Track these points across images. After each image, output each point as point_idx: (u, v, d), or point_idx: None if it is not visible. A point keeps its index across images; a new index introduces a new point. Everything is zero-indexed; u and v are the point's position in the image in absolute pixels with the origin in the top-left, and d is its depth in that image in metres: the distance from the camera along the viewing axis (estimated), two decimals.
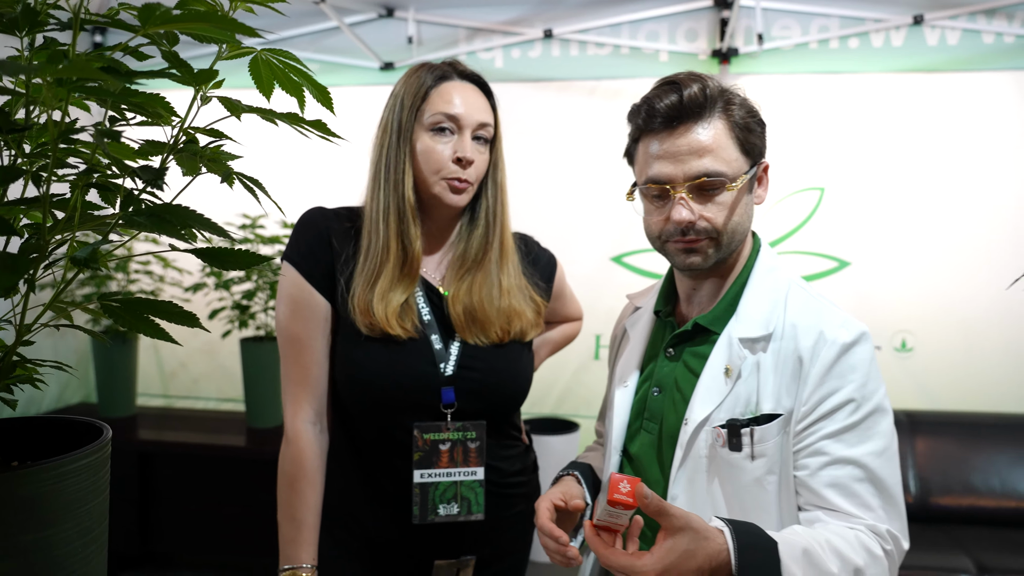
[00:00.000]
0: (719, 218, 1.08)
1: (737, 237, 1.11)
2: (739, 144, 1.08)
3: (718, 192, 1.07)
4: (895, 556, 1.00)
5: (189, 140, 0.78)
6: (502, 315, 1.35)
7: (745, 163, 1.09)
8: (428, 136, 1.30)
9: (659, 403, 1.16)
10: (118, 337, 3.41)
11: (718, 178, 1.06)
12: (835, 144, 3.35)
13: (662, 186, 1.08)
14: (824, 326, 1.05)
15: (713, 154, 1.06)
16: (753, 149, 1.10)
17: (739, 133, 1.08)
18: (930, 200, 3.29)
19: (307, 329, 1.31)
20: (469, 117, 1.30)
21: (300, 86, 0.83)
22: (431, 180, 1.31)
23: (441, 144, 1.30)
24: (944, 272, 3.30)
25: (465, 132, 1.30)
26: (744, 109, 1.09)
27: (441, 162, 1.29)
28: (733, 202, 1.08)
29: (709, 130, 1.06)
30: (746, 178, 1.09)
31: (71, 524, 0.71)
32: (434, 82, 1.32)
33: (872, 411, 1.03)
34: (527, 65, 3.56)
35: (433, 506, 1.30)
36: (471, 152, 1.30)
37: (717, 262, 1.12)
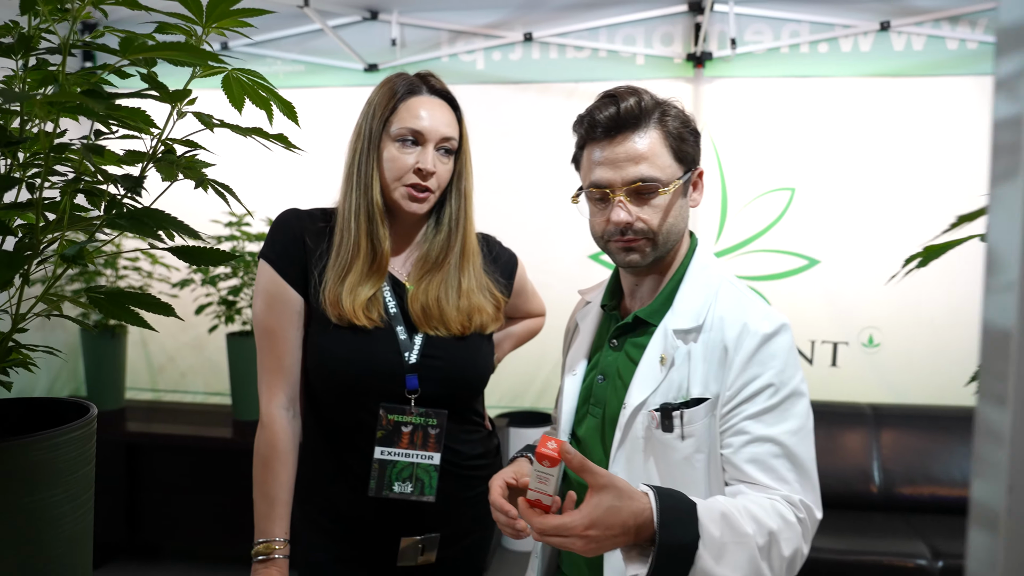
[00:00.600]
0: (654, 220, 1.17)
1: (672, 237, 1.21)
2: (672, 152, 1.18)
3: (653, 196, 1.17)
4: (808, 523, 1.09)
5: (167, 150, 0.87)
6: (461, 313, 1.44)
7: (678, 169, 1.19)
8: (394, 146, 1.39)
9: (603, 389, 1.26)
10: (107, 331, 3.49)
11: (652, 183, 1.15)
12: (805, 146, 3.46)
13: (603, 190, 1.18)
14: (748, 318, 1.15)
15: (648, 161, 1.16)
16: (686, 157, 1.20)
17: (672, 142, 1.18)
18: (896, 200, 3.40)
19: (281, 322, 1.41)
20: (433, 132, 1.39)
21: (268, 100, 0.93)
22: (393, 187, 1.40)
23: (404, 154, 1.39)
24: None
25: (428, 145, 1.39)
26: (679, 120, 1.19)
27: (402, 171, 1.39)
28: (667, 205, 1.18)
29: (645, 139, 1.16)
30: (679, 183, 1.18)
31: (62, 489, 0.80)
32: (404, 96, 1.40)
33: (789, 395, 1.13)
34: (508, 67, 3.65)
35: (389, 482, 1.39)
36: (432, 164, 1.39)
37: (655, 260, 1.22)
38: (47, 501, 0.80)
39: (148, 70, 0.80)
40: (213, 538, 3.32)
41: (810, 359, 3.56)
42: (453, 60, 3.66)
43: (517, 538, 1.16)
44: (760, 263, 3.57)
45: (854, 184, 3.43)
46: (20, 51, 0.77)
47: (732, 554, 1.01)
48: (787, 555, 1.05)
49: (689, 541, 0.98)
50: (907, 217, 3.38)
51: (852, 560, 2.72)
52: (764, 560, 1.04)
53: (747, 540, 1.02)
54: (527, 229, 3.54)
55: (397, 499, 1.40)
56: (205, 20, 0.81)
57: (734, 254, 3.58)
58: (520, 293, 1.66)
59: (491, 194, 3.61)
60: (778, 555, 1.05)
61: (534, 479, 1.00)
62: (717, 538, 1.00)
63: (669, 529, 0.97)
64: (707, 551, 0.99)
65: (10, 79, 0.83)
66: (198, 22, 0.82)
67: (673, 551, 0.97)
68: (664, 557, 0.96)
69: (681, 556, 0.98)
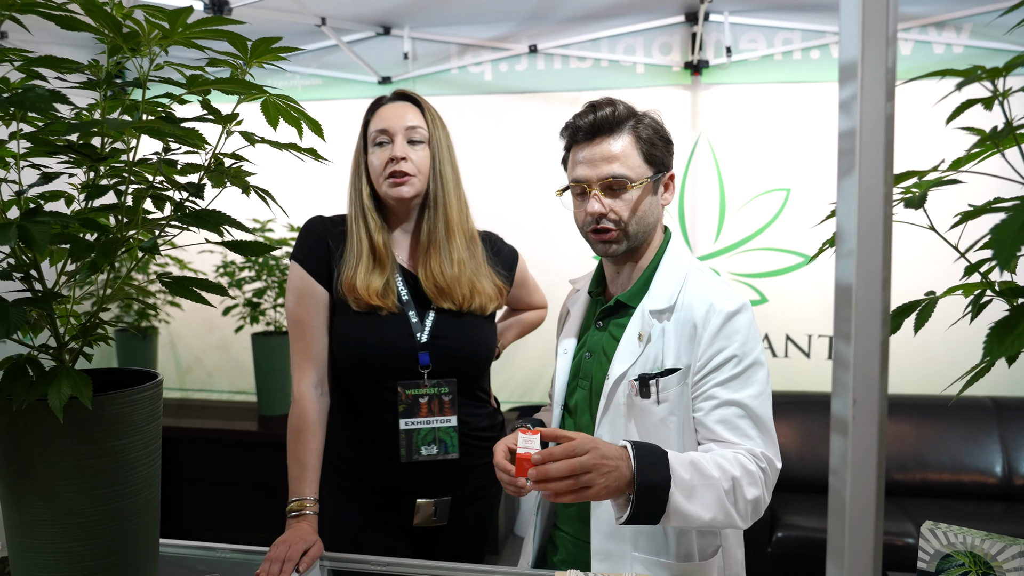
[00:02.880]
0: (624, 212, 1.36)
1: (642, 229, 1.39)
2: (642, 155, 1.37)
3: (623, 191, 1.36)
4: (769, 472, 1.27)
5: (218, 162, 1.06)
6: (463, 284, 1.64)
7: (648, 170, 1.37)
8: (374, 150, 1.63)
9: (590, 364, 1.44)
10: (138, 333, 3.71)
11: (622, 179, 1.35)
12: (799, 148, 3.61)
13: (582, 185, 1.38)
14: (713, 299, 1.33)
15: (620, 161, 1.35)
16: (655, 160, 1.38)
17: (643, 146, 1.36)
18: None
19: (309, 313, 1.61)
20: (396, 124, 1.61)
21: (298, 120, 1.12)
22: (379, 182, 1.62)
23: (380, 152, 1.62)
24: (901, 264, 3.56)
25: (396, 137, 1.61)
26: (651, 129, 1.37)
27: (381, 165, 1.61)
28: (636, 200, 1.36)
29: (618, 142, 1.36)
30: (648, 182, 1.36)
31: (138, 437, 1.00)
32: (375, 108, 1.65)
33: (751, 364, 1.31)
34: (514, 78, 3.84)
35: (416, 448, 1.60)
36: (401, 151, 1.60)
37: (628, 249, 1.40)
38: (126, 446, 0.99)
39: (204, 98, 0.99)
40: (241, 524, 3.52)
41: (807, 353, 3.71)
42: (462, 72, 3.86)
43: (518, 495, 1.35)
44: (758, 261, 3.73)
45: None
46: (103, 85, 0.97)
47: (701, 495, 1.20)
48: (750, 498, 1.23)
49: (661, 481, 1.17)
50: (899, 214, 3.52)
51: None
52: (730, 502, 1.23)
53: (714, 483, 1.21)
54: (534, 231, 3.72)
55: (426, 461, 1.60)
56: (249, 56, 1.01)
57: (732, 252, 3.74)
58: (522, 285, 1.85)
59: (499, 198, 3.81)
60: (742, 498, 1.23)
61: (522, 444, 1.20)
62: (687, 480, 1.18)
63: (645, 473, 1.16)
64: (678, 490, 1.18)
65: (92, 107, 1.03)
66: (243, 58, 1.01)
67: (649, 492, 1.16)
68: (642, 496, 1.15)
69: (656, 496, 1.17)
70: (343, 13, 3.56)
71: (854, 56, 0.65)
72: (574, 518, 1.44)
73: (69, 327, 1.03)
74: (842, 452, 0.67)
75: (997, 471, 3.23)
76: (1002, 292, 0.85)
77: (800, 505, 3.16)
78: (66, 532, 0.96)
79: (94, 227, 0.94)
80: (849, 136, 0.66)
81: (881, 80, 0.63)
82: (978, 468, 3.25)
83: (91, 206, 0.97)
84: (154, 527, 1.08)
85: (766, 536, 3.04)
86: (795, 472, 3.32)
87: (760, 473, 1.26)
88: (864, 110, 0.64)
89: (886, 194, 0.64)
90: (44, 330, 1.01)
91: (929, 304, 0.97)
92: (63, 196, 1.11)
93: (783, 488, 3.25)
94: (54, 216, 0.88)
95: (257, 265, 3.56)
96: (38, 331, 1.00)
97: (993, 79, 0.77)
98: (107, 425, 0.96)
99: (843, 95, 0.66)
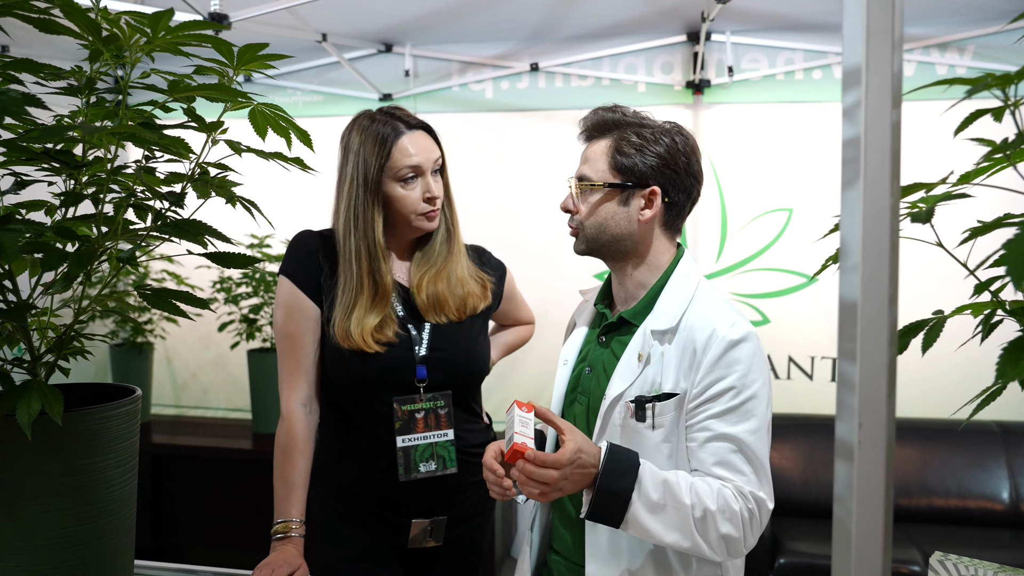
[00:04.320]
0: (583, 212, 1.38)
1: (603, 236, 1.37)
2: (611, 161, 1.35)
3: (587, 193, 1.38)
4: (758, 515, 1.23)
5: (202, 172, 1.03)
6: (457, 299, 1.64)
7: (612, 177, 1.35)
8: (399, 186, 1.57)
9: (588, 380, 1.41)
10: (134, 349, 3.67)
11: (584, 180, 1.37)
12: (801, 168, 3.59)
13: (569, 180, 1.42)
14: (717, 324, 1.28)
15: (589, 164, 1.38)
16: (625, 169, 1.34)
17: (615, 154, 1.35)
18: None
19: (299, 328, 1.57)
20: (427, 162, 1.58)
21: (287, 130, 1.09)
22: (411, 218, 1.59)
23: (411, 190, 1.58)
24: (904, 286, 3.52)
25: (427, 174, 1.59)
26: (636, 140, 1.34)
27: (415, 204, 1.58)
28: (596, 203, 1.36)
29: (596, 147, 1.38)
30: (604, 188, 1.34)
31: (113, 455, 0.96)
32: (393, 140, 1.57)
33: (750, 397, 1.25)
34: (515, 96, 3.83)
35: (415, 465, 1.55)
36: (436, 190, 1.60)
37: (601, 255, 1.40)
38: (100, 464, 0.95)
39: (188, 105, 0.97)
40: (234, 544, 3.46)
41: (810, 375, 3.67)
42: (463, 89, 3.85)
43: (503, 497, 1.31)
44: (760, 281, 3.69)
45: None
46: (85, 91, 0.94)
47: (666, 515, 1.19)
48: (723, 533, 1.20)
49: (624, 491, 1.18)
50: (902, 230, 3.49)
51: None
52: (699, 532, 1.20)
53: (683, 508, 1.19)
54: (534, 250, 3.70)
55: (425, 478, 1.56)
56: (236, 63, 0.98)
57: (734, 272, 3.71)
58: (510, 299, 1.83)
59: (499, 215, 3.78)
60: (714, 530, 1.20)
61: (518, 424, 1.19)
62: (653, 499, 1.18)
63: (608, 477, 1.18)
64: (641, 504, 1.18)
65: (75, 114, 1.00)
66: (230, 65, 0.98)
67: (608, 497, 1.18)
68: (601, 499, 1.18)
69: (616, 503, 1.18)
70: (344, 30, 3.56)
71: (858, 60, 0.62)
72: (568, 542, 1.39)
73: (46, 339, 1.00)
74: (847, 479, 0.63)
75: (1004, 497, 3.17)
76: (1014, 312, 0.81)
77: (803, 530, 3.09)
78: (36, 554, 0.92)
79: (70, 236, 0.91)
80: (853, 144, 0.62)
81: (887, 85, 0.60)
82: (984, 494, 3.19)
83: (69, 215, 0.93)
84: (129, 549, 1.04)
85: (767, 562, 2.97)
86: (798, 496, 3.26)
87: (743, 513, 1.21)
88: (869, 116, 0.61)
89: (892, 205, 0.61)
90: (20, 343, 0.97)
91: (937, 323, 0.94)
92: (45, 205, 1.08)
93: (785, 512, 3.19)
94: (27, 224, 0.84)
95: (254, 281, 3.53)
96: (13, 344, 0.97)
97: (1004, 87, 0.74)
98: (80, 442, 0.92)
99: (846, 101, 0.63)
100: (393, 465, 1.55)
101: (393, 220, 1.61)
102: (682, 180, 1.36)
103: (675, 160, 1.34)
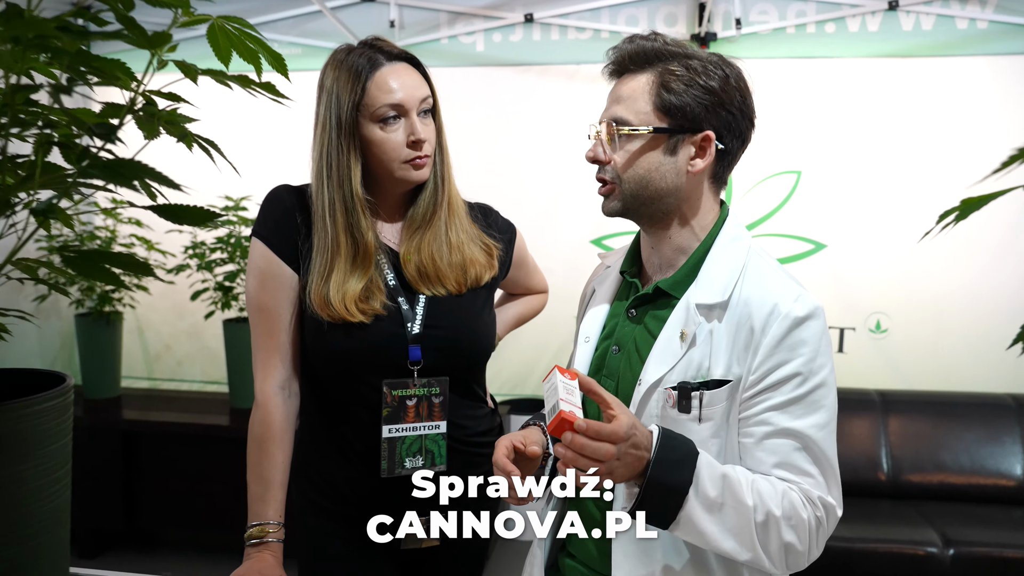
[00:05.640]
0: (619, 163, 1.14)
1: (645, 192, 1.14)
2: (654, 101, 1.12)
3: (624, 139, 1.13)
4: (825, 524, 1.05)
5: (147, 103, 0.81)
6: (455, 268, 1.41)
7: (656, 119, 1.12)
8: (378, 128, 1.33)
9: (617, 361, 1.20)
10: (102, 318, 3.44)
11: (621, 124, 1.13)
12: (812, 128, 3.39)
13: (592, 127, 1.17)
14: (779, 299, 1.08)
15: (625, 103, 1.13)
16: (673, 111, 1.12)
17: (660, 91, 1.12)
18: (904, 184, 3.34)
19: (275, 299, 1.36)
20: (411, 99, 1.34)
21: (256, 53, 0.87)
22: (393, 167, 1.35)
23: (393, 132, 1.33)
24: (918, 255, 3.36)
25: (412, 114, 1.34)
26: (684, 75, 1.11)
27: (397, 149, 1.34)
28: (637, 151, 1.13)
29: (633, 83, 1.14)
30: (649, 133, 1.11)
31: (35, 463, 0.75)
32: (368, 73, 1.34)
33: (818, 385, 1.06)
34: (508, 49, 3.59)
35: (400, 460, 1.35)
36: (422, 131, 1.35)
37: (639, 215, 1.17)
38: (24, 474, 0.75)
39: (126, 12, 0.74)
40: (211, 525, 3.29)
41: None
42: (452, 42, 3.59)
43: (519, 503, 1.11)
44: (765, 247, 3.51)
45: (861, 167, 3.37)
46: None
47: (725, 516, 1.00)
48: (786, 541, 1.02)
49: (679, 484, 0.98)
50: (915, 201, 3.32)
51: (861, 548, 2.67)
52: (760, 539, 1.01)
53: (744, 510, 1.01)
54: (528, 213, 3.48)
55: (409, 475, 1.35)
56: None
57: None
58: (521, 265, 1.61)
59: (491, 177, 3.56)
60: (776, 539, 1.02)
61: (563, 391, 0.98)
62: (712, 496, 0.99)
63: (662, 467, 0.97)
64: (698, 501, 0.98)
65: None
66: None
67: (662, 491, 0.98)
68: (652, 493, 0.97)
69: (670, 498, 0.98)
70: None
71: None
72: (591, 549, 1.20)
73: None
74: None
75: (1018, 473, 3.05)
76: None
77: None
78: None
79: None
80: None
81: None
82: (999, 471, 3.06)
83: None
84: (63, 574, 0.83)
85: None
86: None
87: (811, 522, 1.03)
88: None
89: None
90: None
91: None
92: None
93: None
94: None
95: (229, 246, 3.30)
96: None
97: None
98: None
99: None
100: (379, 457, 1.35)
101: (375, 171, 1.37)
102: (737, 122, 1.15)
103: (731, 98, 1.13)
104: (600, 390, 1.00)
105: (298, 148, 3.40)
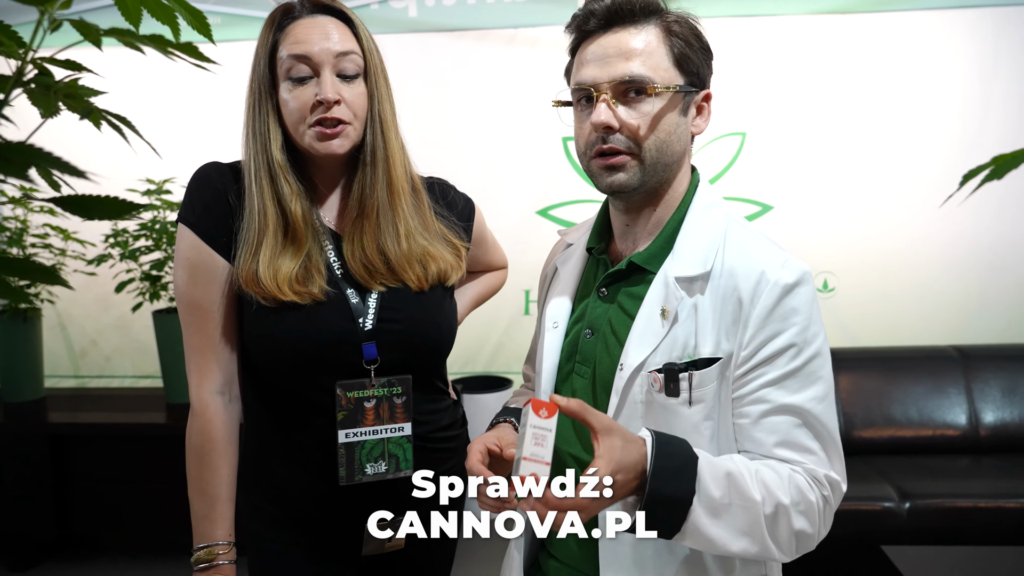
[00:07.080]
0: (641, 128, 1.02)
1: (663, 158, 1.04)
2: (672, 55, 1.02)
3: (642, 100, 1.01)
4: (832, 502, 0.99)
5: (42, 72, 0.67)
6: (411, 261, 1.26)
7: (678, 77, 1.03)
8: (288, 86, 1.19)
9: (591, 345, 1.11)
10: (18, 315, 3.20)
11: (642, 82, 1.00)
12: (755, 88, 3.35)
13: (588, 90, 1.03)
14: (765, 266, 1.00)
15: (641, 58, 1.01)
16: (690, 67, 1.03)
17: (675, 44, 1.02)
18: (849, 143, 3.34)
19: (208, 294, 1.22)
20: (323, 52, 1.18)
21: (172, 12, 0.74)
22: (299, 132, 1.20)
23: (300, 90, 1.18)
24: (863, 214, 3.37)
25: (324, 70, 1.18)
26: (687, 28, 1.04)
27: (302, 109, 1.18)
28: (658, 114, 1.02)
29: (642, 35, 1.02)
30: (676, 92, 1.02)
31: None
32: (282, 23, 1.20)
33: (813, 356, 0.99)
34: (442, 14, 3.42)
35: (360, 466, 1.23)
36: (331, 91, 1.18)
37: (646, 186, 1.06)
38: None
39: None
40: (152, 528, 3.11)
41: None
42: (383, 7, 3.41)
43: (498, 510, 1.01)
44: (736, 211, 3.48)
45: (806, 127, 3.35)
46: None
47: (732, 517, 0.92)
48: (796, 529, 0.96)
49: (682, 495, 0.89)
50: (859, 160, 3.33)
51: None
52: (769, 531, 0.94)
53: (752, 506, 0.93)
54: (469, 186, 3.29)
55: (373, 482, 1.24)
56: None
57: None
58: (480, 242, 1.49)
59: (429, 149, 3.38)
60: (787, 528, 0.95)
61: (529, 442, 0.85)
62: (716, 498, 0.91)
63: (660, 478, 0.88)
64: (703, 508, 0.90)
65: None
66: None
67: (664, 504, 0.89)
68: (653, 508, 0.88)
69: (673, 510, 0.90)
70: None
71: None
72: (574, 549, 1.12)
73: None
74: None
75: (963, 422, 3.11)
76: None
77: None
78: None
79: None
80: None
81: None
82: (945, 421, 3.12)
83: None
84: None
85: None
86: None
87: (819, 504, 0.97)
88: None
89: None
90: None
91: None
92: None
93: None
94: None
95: (154, 233, 3.08)
96: None
97: None
98: None
99: None
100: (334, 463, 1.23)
101: (289, 141, 1.23)
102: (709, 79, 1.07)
103: (711, 52, 1.06)
104: (589, 418, 0.88)
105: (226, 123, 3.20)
